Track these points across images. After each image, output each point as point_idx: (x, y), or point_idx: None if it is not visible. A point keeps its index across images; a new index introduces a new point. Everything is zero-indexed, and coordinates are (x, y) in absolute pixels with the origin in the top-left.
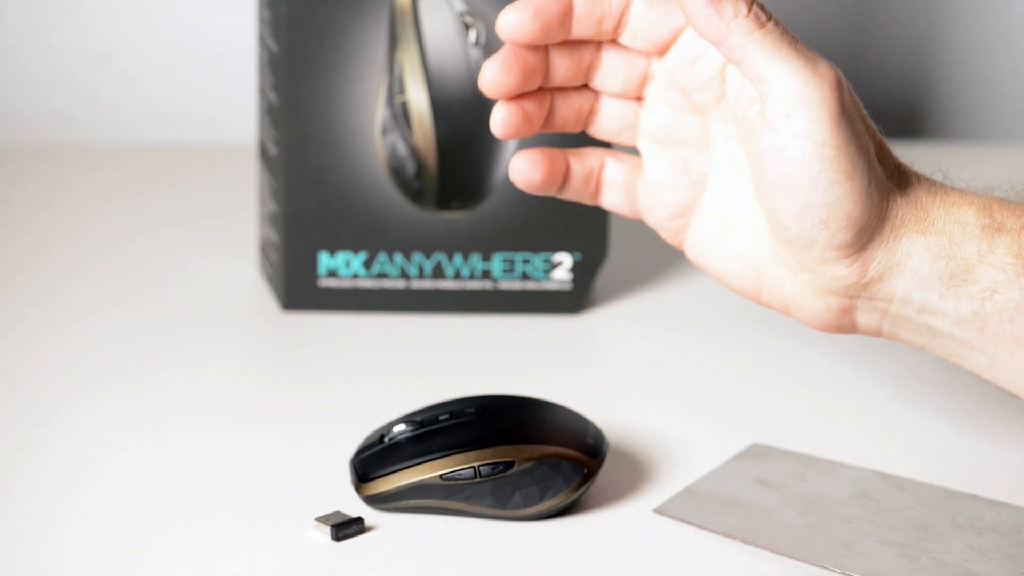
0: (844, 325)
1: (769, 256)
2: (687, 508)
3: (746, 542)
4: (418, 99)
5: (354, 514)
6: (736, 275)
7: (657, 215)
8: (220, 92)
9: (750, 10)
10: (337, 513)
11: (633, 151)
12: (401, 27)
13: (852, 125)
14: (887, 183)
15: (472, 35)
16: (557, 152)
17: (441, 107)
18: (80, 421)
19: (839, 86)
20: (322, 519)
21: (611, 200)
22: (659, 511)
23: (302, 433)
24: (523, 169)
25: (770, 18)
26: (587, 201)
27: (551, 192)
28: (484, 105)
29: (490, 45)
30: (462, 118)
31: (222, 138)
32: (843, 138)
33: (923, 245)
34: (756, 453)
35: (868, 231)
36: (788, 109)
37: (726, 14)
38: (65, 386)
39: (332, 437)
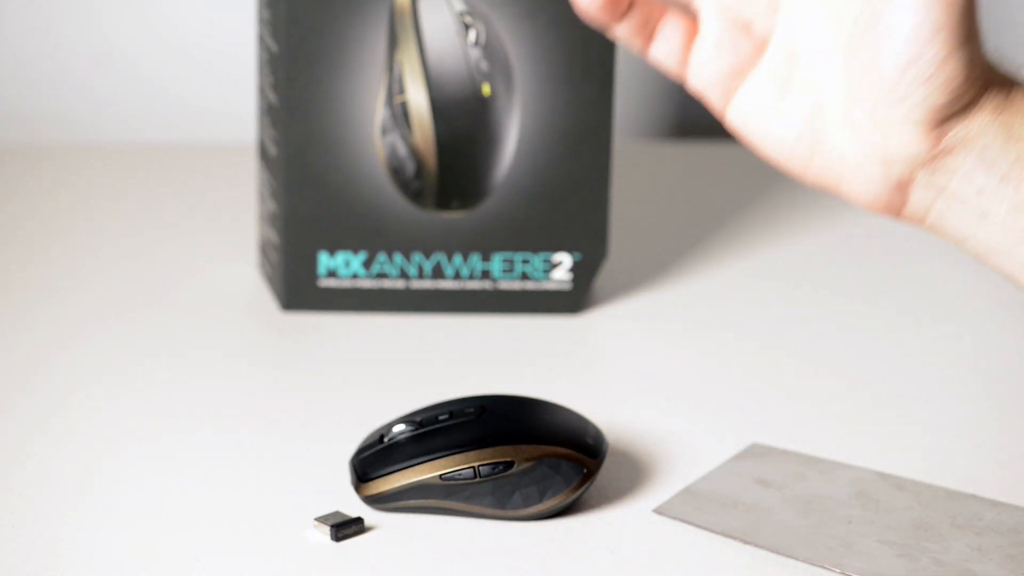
0: (894, 203)
1: (836, 117)
2: (687, 508)
3: (746, 542)
4: (418, 99)
5: (354, 514)
6: (788, 141)
7: (708, 74)
8: (220, 92)
9: None
10: (337, 513)
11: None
12: (401, 27)
13: None
14: (987, 62)
15: (472, 35)
16: None
17: (441, 107)
18: (80, 421)
19: None
20: (322, 519)
21: (661, 51)
22: (659, 511)
23: (302, 433)
24: None
25: None
26: (636, 48)
27: (611, 20)
28: (484, 105)
29: (490, 45)
30: (462, 118)
31: (222, 138)
32: (971, 3)
33: (999, 125)
34: (756, 453)
35: (960, 102)
36: None
37: None
38: (65, 386)
39: (332, 437)
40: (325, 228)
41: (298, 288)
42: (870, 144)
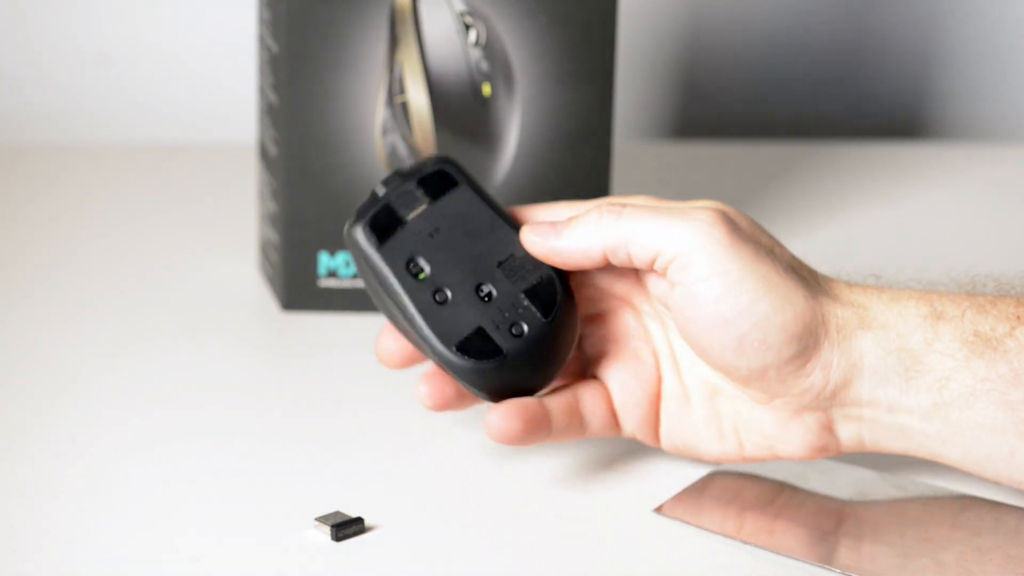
0: (829, 445)
1: (738, 405)
2: (687, 508)
3: (746, 542)
4: (418, 99)
5: (354, 514)
6: (715, 441)
7: (632, 421)
8: (220, 92)
9: (602, 211)
10: (337, 513)
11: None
12: (401, 27)
13: (748, 244)
14: (810, 283)
15: (472, 35)
16: (530, 402)
17: (441, 107)
18: (80, 421)
19: (720, 220)
20: (322, 519)
21: (595, 428)
22: (659, 511)
23: (302, 433)
24: (498, 424)
25: (624, 205)
26: (575, 436)
27: (537, 440)
28: (484, 105)
29: (490, 45)
30: (462, 118)
31: (222, 138)
32: (745, 259)
33: (872, 341)
34: None
35: (810, 334)
36: (685, 261)
37: (588, 225)
38: (64, 386)
39: (331, 437)
40: (325, 228)
41: (298, 288)
42: (779, 408)
